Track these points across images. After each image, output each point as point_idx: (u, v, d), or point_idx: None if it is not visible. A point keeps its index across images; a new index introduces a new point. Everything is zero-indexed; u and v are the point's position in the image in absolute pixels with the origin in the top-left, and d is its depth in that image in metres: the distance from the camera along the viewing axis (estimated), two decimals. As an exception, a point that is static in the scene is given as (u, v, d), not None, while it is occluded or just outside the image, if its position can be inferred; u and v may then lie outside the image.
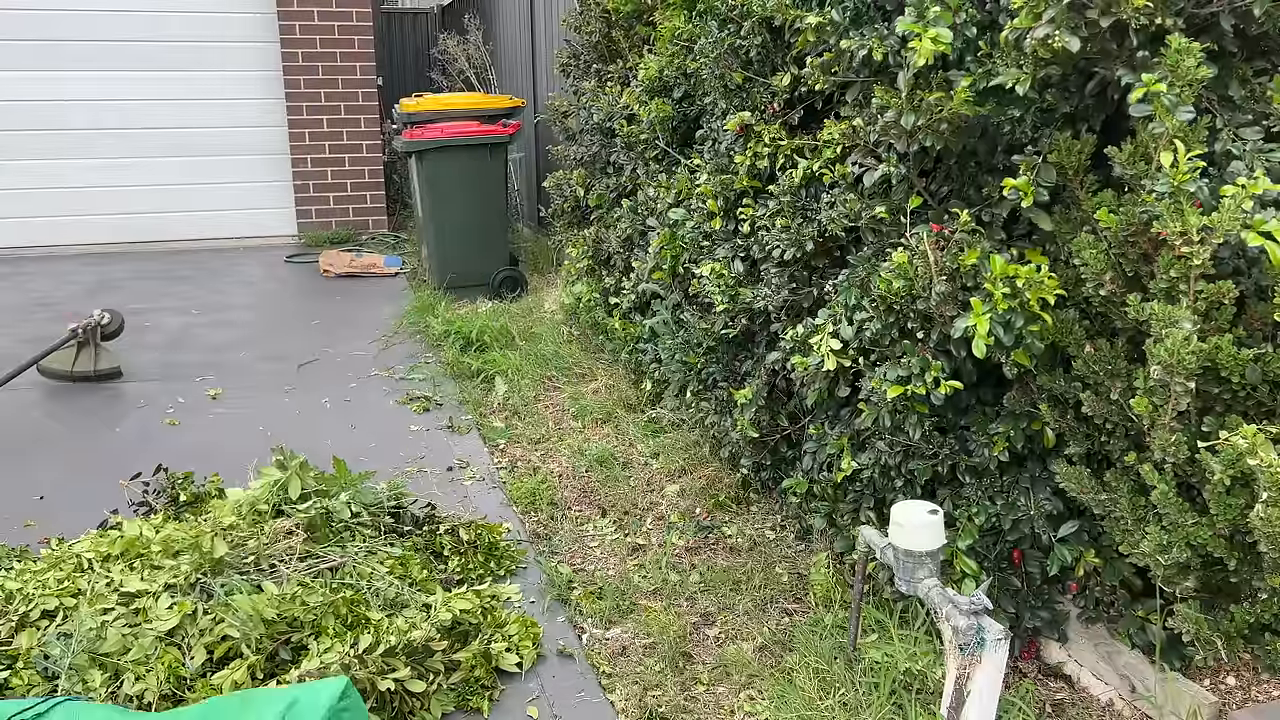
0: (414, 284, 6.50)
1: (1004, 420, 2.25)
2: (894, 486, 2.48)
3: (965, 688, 1.91)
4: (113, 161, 7.48)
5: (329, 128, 7.93)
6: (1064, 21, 1.80)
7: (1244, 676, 2.23)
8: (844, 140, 2.47)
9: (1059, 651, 2.43)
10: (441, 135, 5.78)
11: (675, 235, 3.39)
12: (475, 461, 3.72)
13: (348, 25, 7.82)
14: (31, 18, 7.16)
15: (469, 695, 2.34)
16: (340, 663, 2.18)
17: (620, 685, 2.43)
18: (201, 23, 7.52)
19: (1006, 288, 1.97)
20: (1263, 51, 1.94)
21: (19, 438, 3.92)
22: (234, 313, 5.88)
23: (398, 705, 2.25)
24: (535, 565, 2.96)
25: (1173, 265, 1.75)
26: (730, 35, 2.91)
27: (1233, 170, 1.80)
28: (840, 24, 2.40)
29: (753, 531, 3.17)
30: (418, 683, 2.27)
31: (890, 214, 2.34)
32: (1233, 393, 1.79)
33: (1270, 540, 1.66)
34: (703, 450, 3.64)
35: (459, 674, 2.36)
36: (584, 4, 4.85)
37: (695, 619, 2.73)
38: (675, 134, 3.77)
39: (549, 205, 5.38)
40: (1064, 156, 1.97)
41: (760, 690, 2.40)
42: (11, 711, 1.91)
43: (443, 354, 4.91)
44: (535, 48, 7.25)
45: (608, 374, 4.54)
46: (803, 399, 2.77)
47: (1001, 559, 2.37)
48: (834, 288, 2.54)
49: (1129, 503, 1.96)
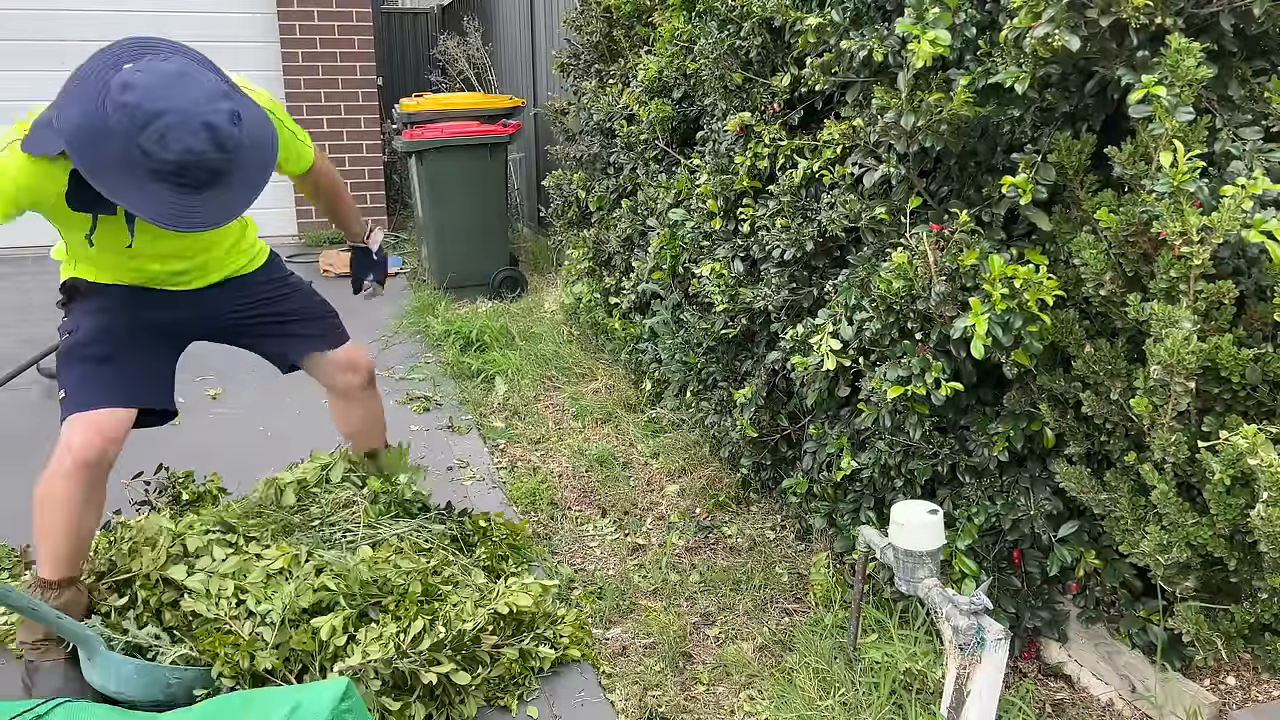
0: (414, 284, 6.50)
1: (1004, 420, 2.26)
2: (894, 486, 2.48)
3: (965, 688, 1.91)
4: (113, 162, 7.47)
5: (329, 128, 7.92)
6: (1064, 21, 1.80)
7: (1244, 676, 2.23)
8: (844, 141, 2.47)
9: (1059, 651, 2.43)
10: (441, 135, 5.77)
11: (675, 235, 3.39)
12: (475, 461, 3.72)
13: (348, 25, 7.81)
14: (31, 17, 7.16)
15: (501, 692, 2.34)
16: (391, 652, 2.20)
17: (620, 685, 2.43)
18: (201, 23, 7.51)
19: (1005, 288, 1.97)
20: (1262, 51, 1.94)
21: (19, 438, 3.92)
22: (234, 313, 5.87)
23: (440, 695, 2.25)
24: (539, 564, 2.96)
25: (1173, 265, 1.75)
26: (730, 36, 2.91)
27: (1232, 170, 1.80)
28: (840, 25, 2.40)
29: (753, 531, 3.17)
30: (463, 674, 2.26)
31: (890, 214, 2.34)
32: (1233, 393, 1.79)
33: (1270, 540, 1.66)
34: (703, 450, 3.64)
35: (498, 668, 2.35)
36: (584, 3, 4.85)
37: (695, 619, 2.73)
38: (675, 134, 3.77)
39: (549, 205, 5.38)
40: (1064, 156, 1.97)
41: (760, 690, 2.40)
42: (12, 712, 1.92)
43: (443, 354, 4.91)
44: (535, 47, 7.25)
45: (608, 374, 4.54)
46: (803, 399, 2.77)
47: (1001, 559, 2.37)
48: (834, 288, 2.54)
49: (1129, 503, 1.96)
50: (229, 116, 1.91)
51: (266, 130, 2.08)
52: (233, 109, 1.94)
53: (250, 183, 2.02)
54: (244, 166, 1.97)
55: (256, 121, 2.03)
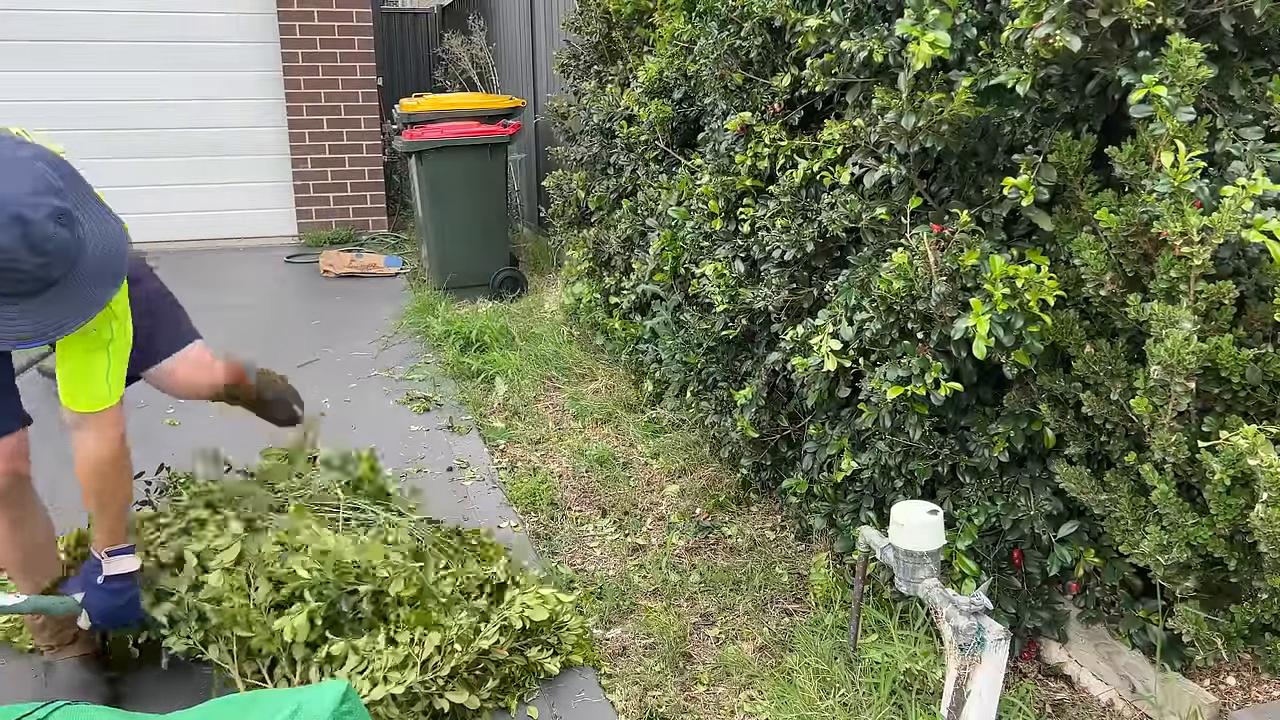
0: (414, 284, 6.50)
1: (1004, 420, 2.26)
2: (894, 487, 2.48)
3: (965, 688, 1.91)
4: (111, 162, 7.45)
5: (329, 128, 7.92)
6: (1065, 21, 1.81)
7: (1244, 676, 2.23)
8: (844, 141, 2.47)
9: (1059, 652, 2.43)
10: (442, 135, 5.77)
11: (676, 236, 3.39)
12: (475, 462, 3.72)
13: (348, 25, 7.81)
14: (30, 17, 7.15)
15: (501, 693, 2.33)
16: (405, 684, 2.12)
17: (620, 685, 2.43)
18: (201, 23, 7.51)
19: (1006, 288, 1.97)
20: (1263, 51, 1.94)
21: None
22: (234, 313, 5.87)
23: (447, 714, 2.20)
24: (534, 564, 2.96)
25: (1173, 265, 1.75)
26: (730, 36, 2.91)
27: (1233, 170, 1.80)
28: (840, 25, 2.40)
29: (753, 531, 3.17)
30: (473, 699, 2.22)
31: (890, 214, 2.34)
32: (1233, 393, 1.79)
33: (1270, 540, 1.66)
34: (703, 450, 3.64)
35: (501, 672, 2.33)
36: (584, 5, 4.85)
37: (695, 619, 2.73)
38: (675, 135, 3.77)
39: (549, 205, 5.38)
40: (1064, 156, 1.97)
41: (760, 690, 2.40)
42: (13, 716, 1.91)
43: (443, 354, 4.91)
44: (535, 48, 7.25)
45: (608, 374, 4.54)
46: (803, 399, 2.77)
47: (1001, 559, 2.37)
48: (834, 288, 2.54)
49: (1129, 503, 1.96)
50: (53, 214, 1.67)
51: (115, 247, 1.83)
52: (61, 207, 1.69)
53: (83, 301, 1.75)
54: (71, 281, 1.73)
55: (105, 238, 1.80)
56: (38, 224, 1.65)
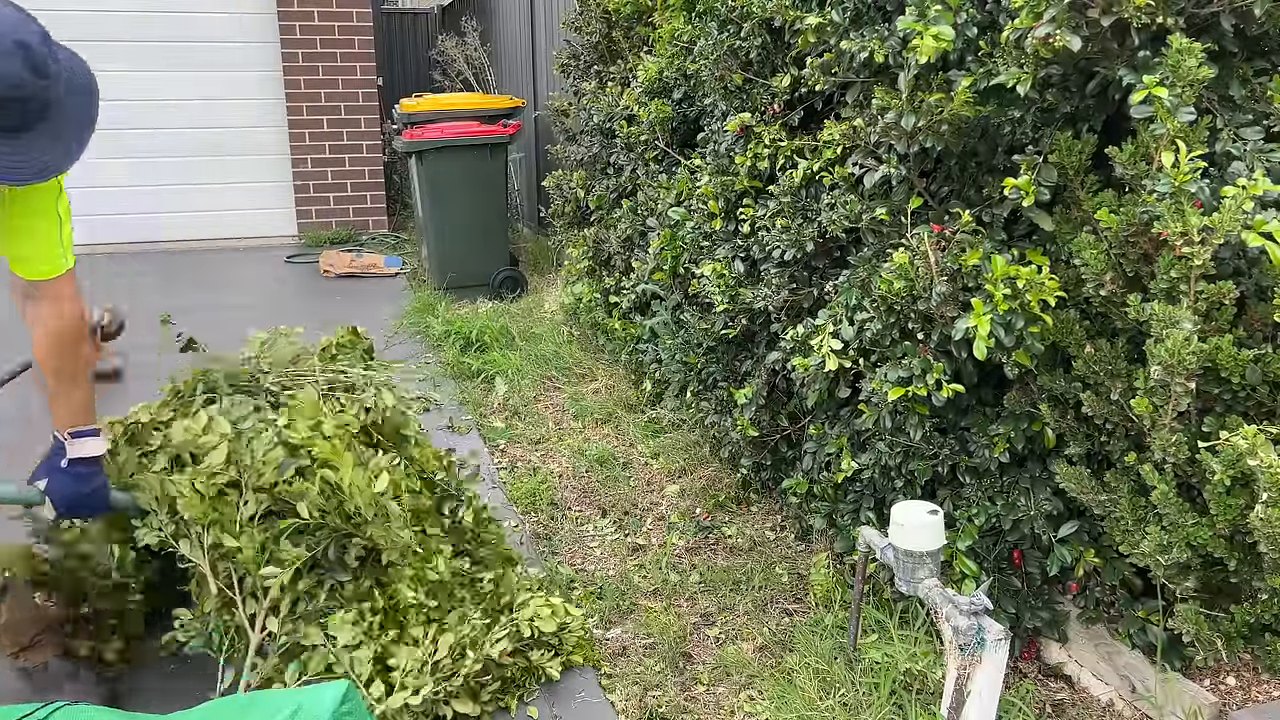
0: (414, 284, 6.50)
1: (1004, 421, 2.25)
2: (894, 487, 2.48)
3: (965, 688, 1.91)
4: (111, 162, 7.46)
5: (329, 128, 7.93)
6: (1065, 21, 1.80)
7: (1244, 676, 2.23)
8: (844, 141, 2.47)
9: (1059, 652, 2.43)
10: (442, 135, 5.78)
11: (675, 236, 3.39)
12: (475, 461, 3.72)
13: (348, 25, 7.82)
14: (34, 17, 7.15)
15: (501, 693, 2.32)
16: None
17: (620, 685, 2.43)
18: (201, 23, 7.51)
19: (1007, 289, 1.97)
20: (1263, 51, 1.94)
21: (20, 438, 3.92)
22: (234, 313, 5.87)
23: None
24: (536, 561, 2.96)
25: (1173, 266, 1.75)
26: (730, 36, 2.91)
27: (1233, 171, 1.80)
28: (840, 25, 2.40)
29: (753, 531, 3.17)
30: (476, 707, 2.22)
31: (891, 214, 2.34)
32: (1233, 393, 1.79)
33: (1270, 540, 1.66)
34: (703, 450, 3.64)
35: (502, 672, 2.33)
36: (584, 4, 4.85)
37: (695, 619, 2.73)
38: (675, 135, 3.77)
39: (549, 205, 5.38)
40: (1065, 156, 1.97)
41: (760, 690, 2.40)
42: (13, 716, 1.91)
43: (443, 354, 4.90)
44: (535, 48, 7.25)
45: (608, 374, 4.54)
46: (803, 399, 2.77)
47: (1001, 559, 2.37)
48: (834, 288, 2.54)
49: (1129, 503, 1.96)
50: (41, 37, 1.72)
51: (88, 78, 1.86)
52: (45, 31, 1.74)
53: (66, 140, 1.79)
54: (61, 110, 1.77)
55: (77, 62, 1.82)
56: (36, 48, 1.70)
